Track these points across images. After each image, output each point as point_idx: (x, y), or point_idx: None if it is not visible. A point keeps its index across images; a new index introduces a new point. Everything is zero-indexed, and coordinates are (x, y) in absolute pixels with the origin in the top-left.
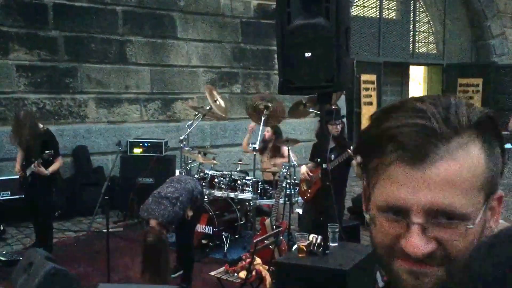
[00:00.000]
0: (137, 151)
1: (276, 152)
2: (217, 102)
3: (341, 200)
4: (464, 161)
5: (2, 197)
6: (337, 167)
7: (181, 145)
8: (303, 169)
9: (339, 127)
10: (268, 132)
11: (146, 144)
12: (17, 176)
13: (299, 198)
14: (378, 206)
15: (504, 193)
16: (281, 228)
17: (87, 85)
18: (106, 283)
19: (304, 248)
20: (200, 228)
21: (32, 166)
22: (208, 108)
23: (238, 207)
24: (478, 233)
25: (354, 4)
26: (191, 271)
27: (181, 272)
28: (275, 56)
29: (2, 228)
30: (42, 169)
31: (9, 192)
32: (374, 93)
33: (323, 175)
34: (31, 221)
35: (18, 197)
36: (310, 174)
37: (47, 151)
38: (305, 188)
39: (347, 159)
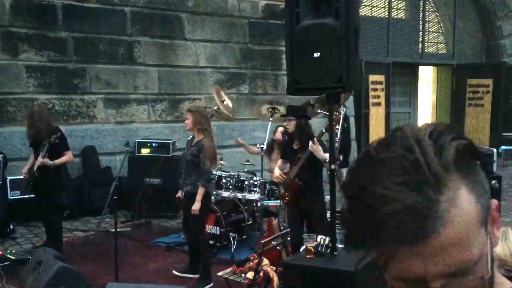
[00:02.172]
0: (145, 151)
1: None
2: (225, 102)
3: (320, 200)
4: (458, 218)
5: (12, 196)
6: (303, 168)
7: None
8: (276, 172)
9: (292, 123)
10: (279, 132)
11: (154, 145)
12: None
13: None
14: (394, 281)
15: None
16: (289, 229)
17: (95, 86)
18: (114, 282)
19: (312, 249)
20: (208, 228)
21: (39, 157)
22: (215, 108)
23: (246, 207)
24: (487, 254)
25: (363, 4)
26: (209, 266)
27: (188, 275)
28: (283, 56)
29: (11, 227)
30: (46, 159)
31: (19, 192)
32: (382, 94)
33: (330, 175)
34: (41, 220)
35: (27, 197)
36: (284, 176)
37: (54, 136)
38: (282, 192)
39: (310, 157)
